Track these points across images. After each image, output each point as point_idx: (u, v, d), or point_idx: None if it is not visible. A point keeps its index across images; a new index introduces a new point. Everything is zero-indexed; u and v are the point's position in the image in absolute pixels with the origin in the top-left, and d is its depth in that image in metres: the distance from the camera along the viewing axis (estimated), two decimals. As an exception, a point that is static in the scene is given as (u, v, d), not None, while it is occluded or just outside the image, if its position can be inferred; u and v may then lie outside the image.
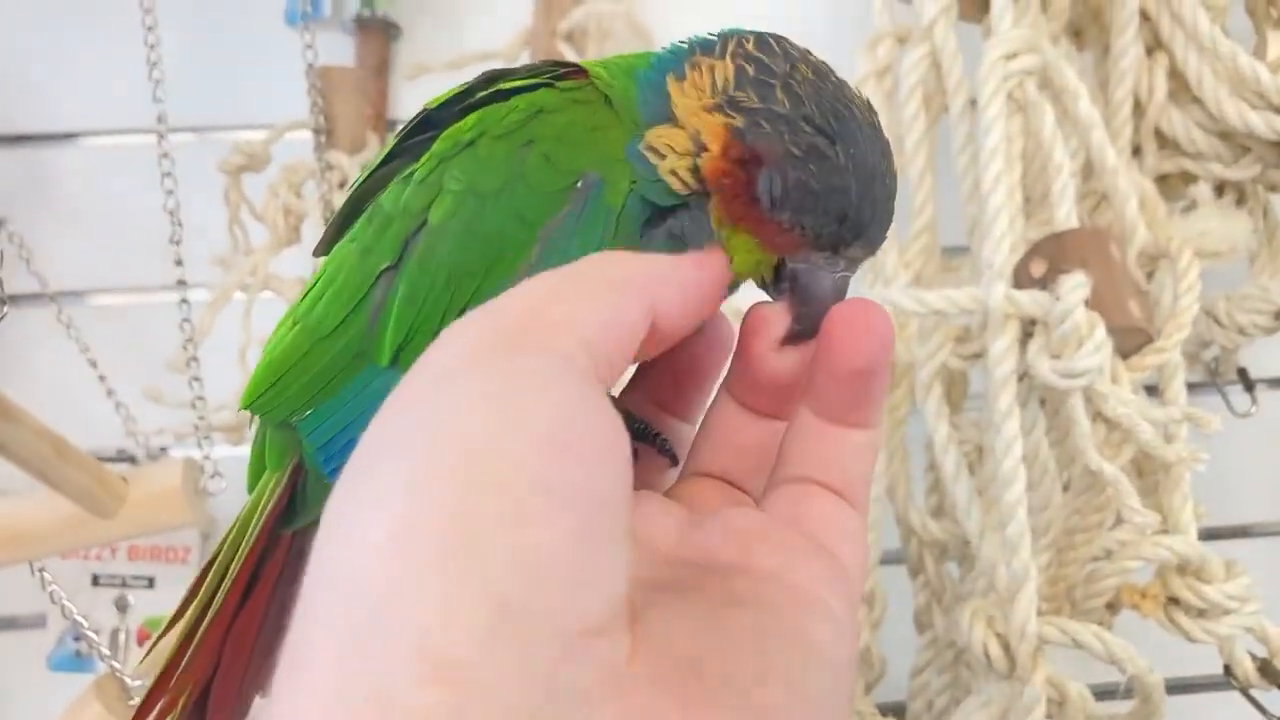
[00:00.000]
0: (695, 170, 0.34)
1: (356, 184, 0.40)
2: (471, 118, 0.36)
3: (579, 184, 0.34)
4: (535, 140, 0.35)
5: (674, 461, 0.36)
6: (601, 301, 0.28)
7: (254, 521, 0.39)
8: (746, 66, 0.33)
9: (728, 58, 0.34)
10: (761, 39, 0.34)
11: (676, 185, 0.34)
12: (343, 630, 0.21)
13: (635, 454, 0.33)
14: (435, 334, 0.30)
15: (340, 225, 0.40)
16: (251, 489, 0.40)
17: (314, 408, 0.38)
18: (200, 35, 0.94)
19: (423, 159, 0.37)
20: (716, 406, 0.35)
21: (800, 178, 0.32)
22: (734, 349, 0.34)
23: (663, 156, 0.34)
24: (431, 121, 0.38)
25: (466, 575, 0.22)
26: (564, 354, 0.26)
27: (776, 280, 0.34)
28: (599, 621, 0.23)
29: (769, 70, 0.33)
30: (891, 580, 0.76)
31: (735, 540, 0.30)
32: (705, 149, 0.34)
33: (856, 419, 0.32)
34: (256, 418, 0.40)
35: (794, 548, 0.30)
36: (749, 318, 0.33)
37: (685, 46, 0.35)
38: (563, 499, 0.23)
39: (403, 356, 0.36)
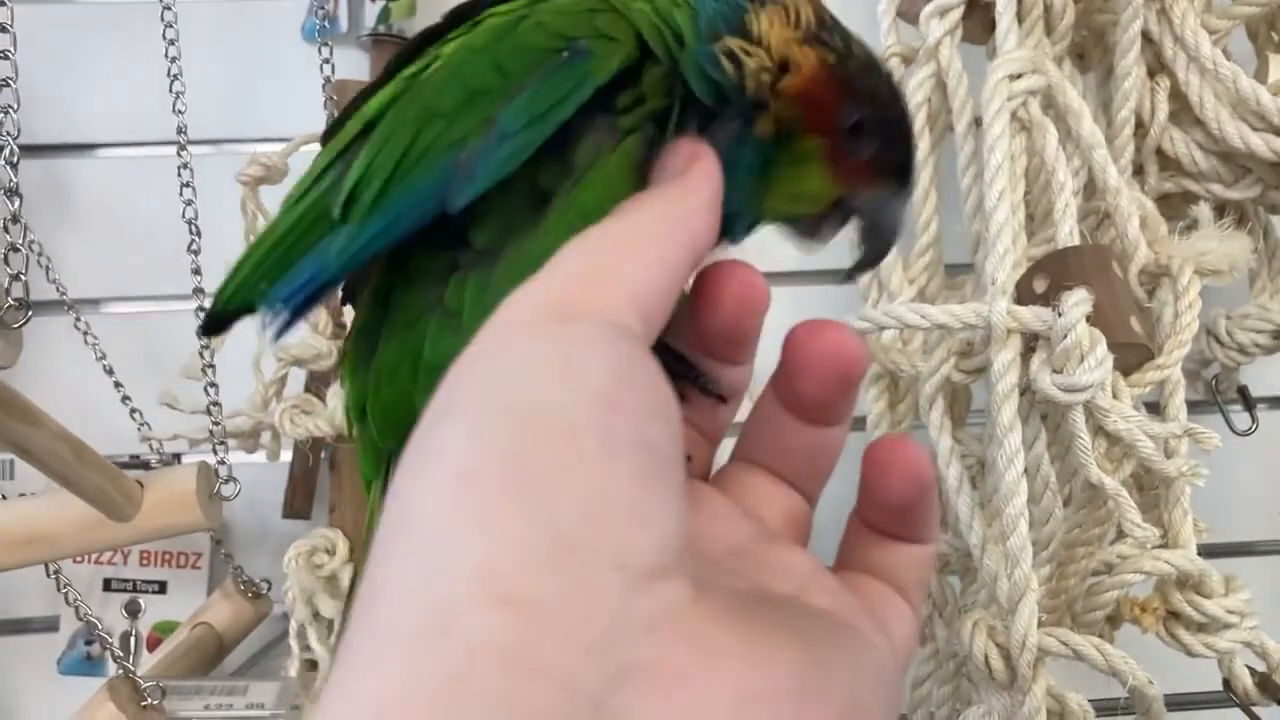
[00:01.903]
0: (771, 86, 0.35)
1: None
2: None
3: (565, 52, 0.33)
4: (534, 13, 0.35)
5: (720, 399, 0.36)
6: (651, 257, 0.29)
7: (365, 531, 0.40)
8: (824, 15, 0.36)
9: (804, 2, 0.36)
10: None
11: (751, 85, 0.35)
12: (410, 563, 0.22)
13: (682, 397, 0.34)
14: (388, 180, 0.33)
15: (341, 119, 0.40)
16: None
17: (269, 281, 0.36)
18: (220, 50, 0.96)
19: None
20: (764, 403, 0.35)
21: (888, 114, 0.36)
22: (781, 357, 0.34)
23: (748, 55, 0.35)
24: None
25: (525, 511, 0.22)
26: (616, 319, 0.27)
27: (834, 211, 0.37)
28: (659, 562, 0.24)
29: (840, 25, 0.37)
30: (894, 592, 0.77)
31: (792, 577, 0.31)
32: (789, 71, 0.35)
33: (911, 538, 0.34)
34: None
35: (848, 601, 0.31)
36: (794, 337, 0.34)
37: None
38: (617, 445, 0.24)
39: (353, 208, 0.34)
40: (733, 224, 0.37)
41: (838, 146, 0.36)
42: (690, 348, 0.35)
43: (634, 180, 0.34)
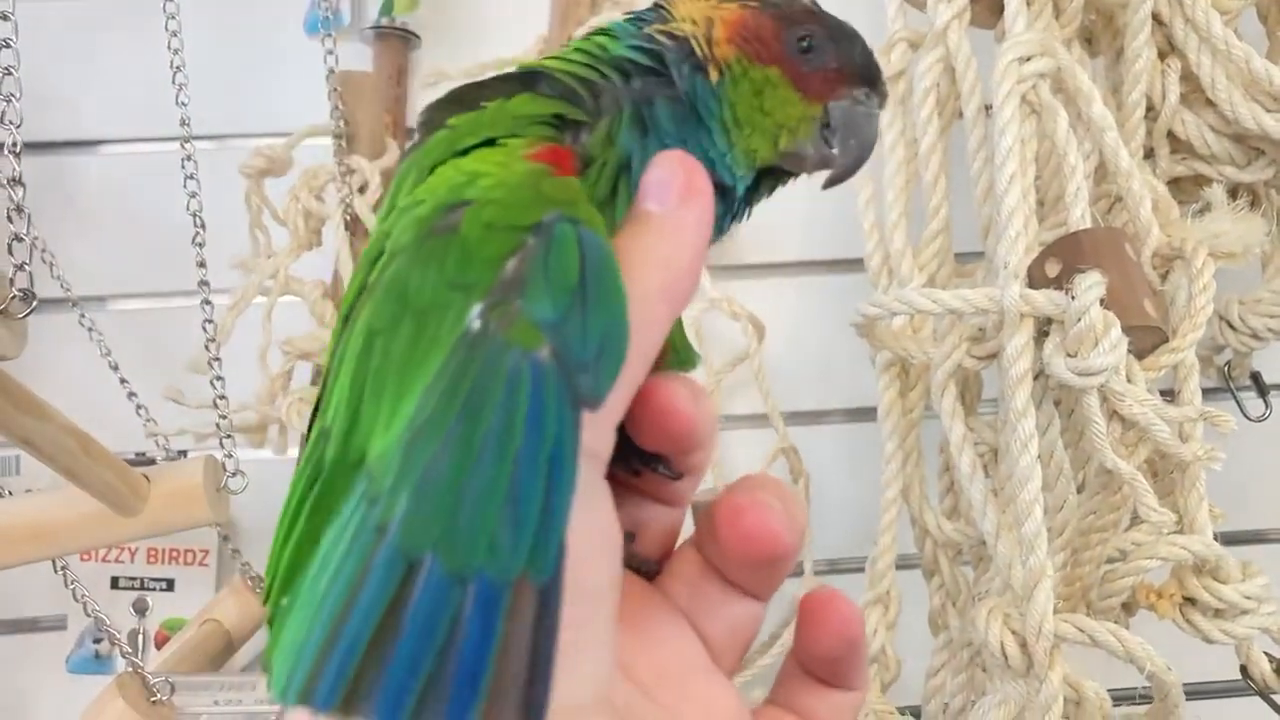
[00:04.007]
0: (707, 42, 0.37)
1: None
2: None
3: (531, 239, 0.28)
4: (467, 219, 0.30)
5: (677, 477, 0.35)
6: (631, 365, 0.28)
7: None
8: None
9: None
10: None
11: (690, 45, 0.37)
12: None
13: (642, 491, 0.35)
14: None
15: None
16: None
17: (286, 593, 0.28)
18: (223, 44, 0.96)
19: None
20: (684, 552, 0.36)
21: (828, 24, 0.38)
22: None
23: (682, 25, 0.37)
24: None
25: None
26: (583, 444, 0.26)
27: (815, 132, 0.38)
28: (581, 702, 0.25)
29: None
30: (906, 583, 0.76)
31: (708, 716, 0.33)
32: (715, 31, 0.37)
33: (841, 685, 0.35)
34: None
35: None
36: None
37: None
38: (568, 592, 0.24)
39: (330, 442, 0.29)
40: (729, 196, 0.37)
41: (797, 67, 0.37)
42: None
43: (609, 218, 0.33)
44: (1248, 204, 0.77)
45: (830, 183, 0.40)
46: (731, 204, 0.38)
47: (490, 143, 0.33)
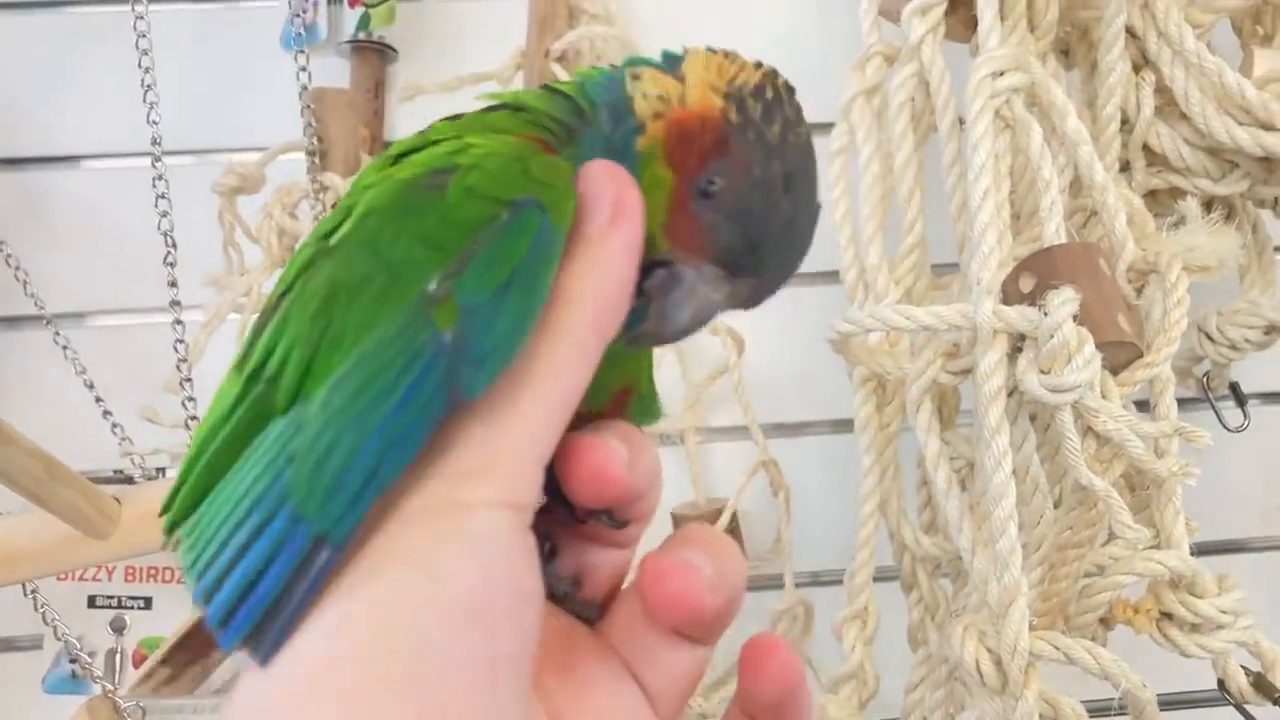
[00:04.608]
0: (658, 114, 0.33)
1: None
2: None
3: (505, 214, 0.29)
4: (459, 176, 0.31)
5: (621, 526, 0.34)
6: (554, 396, 0.28)
7: None
8: (767, 88, 0.33)
9: (756, 66, 0.34)
10: (778, 75, 0.34)
11: (639, 106, 0.33)
12: None
13: (590, 536, 0.35)
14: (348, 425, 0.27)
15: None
16: None
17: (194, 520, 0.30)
18: (196, 59, 0.95)
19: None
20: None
21: (747, 191, 0.32)
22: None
23: (642, 86, 0.34)
24: None
25: None
26: (506, 498, 0.27)
27: (644, 273, 0.32)
28: None
29: (780, 105, 0.33)
30: (885, 597, 0.76)
31: None
32: (683, 105, 0.33)
33: None
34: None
35: None
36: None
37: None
38: (465, 660, 0.25)
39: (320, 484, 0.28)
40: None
41: (684, 199, 0.32)
42: None
43: None
44: (1223, 216, 0.78)
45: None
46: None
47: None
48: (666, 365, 0.94)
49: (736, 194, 0.32)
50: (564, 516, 0.34)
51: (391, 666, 0.24)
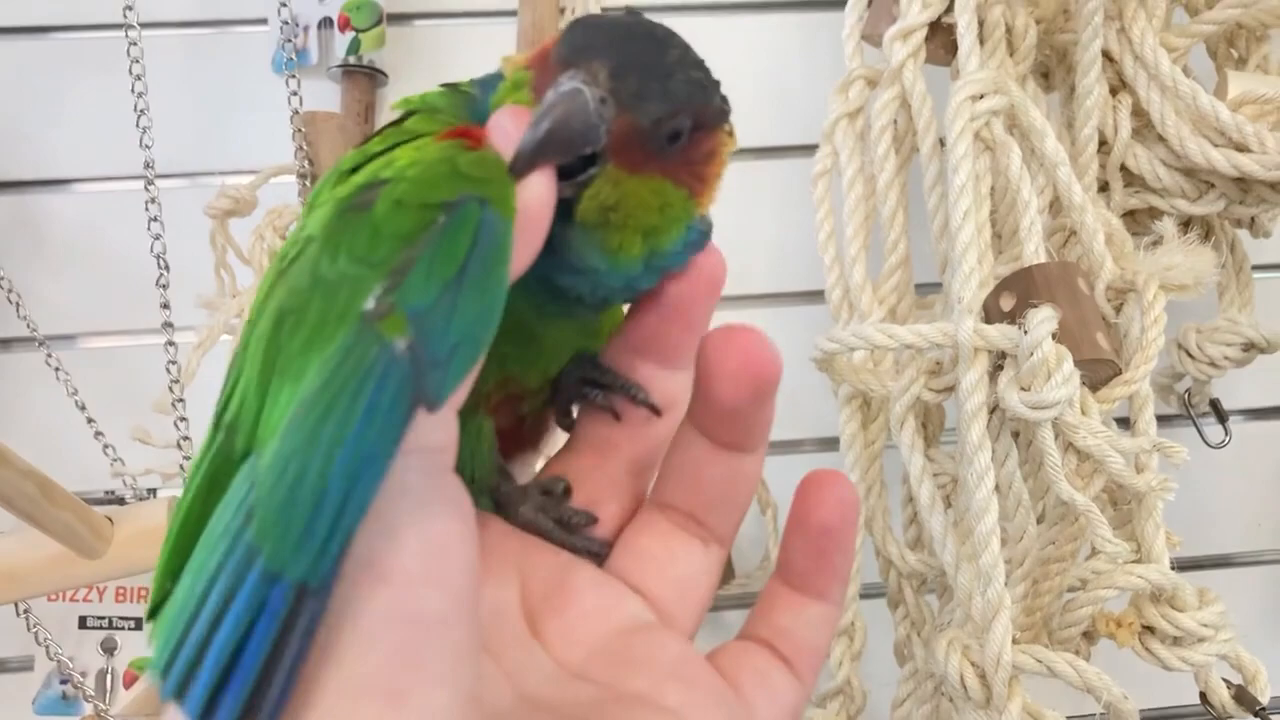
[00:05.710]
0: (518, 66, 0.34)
1: None
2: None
3: (441, 217, 0.29)
4: (381, 196, 0.30)
5: (654, 411, 0.35)
6: None
7: None
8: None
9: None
10: None
11: (505, 69, 0.35)
12: None
13: (617, 415, 0.35)
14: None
15: None
16: None
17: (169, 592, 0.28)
18: (189, 84, 0.96)
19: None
20: (680, 436, 0.35)
21: (579, 24, 0.33)
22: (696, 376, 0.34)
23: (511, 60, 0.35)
24: None
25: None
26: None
27: None
28: None
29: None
30: (871, 613, 0.77)
31: (652, 671, 0.31)
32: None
33: (819, 589, 0.34)
34: None
35: (702, 695, 0.31)
36: (708, 342, 0.33)
37: None
38: (379, 623, 0.24)
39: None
40: None
41: (543, 79, 0.32)
42: (619, 356, 0.35)
43: None
44: (1201, 236, 0.79)
45: (513, 167, 0.30)
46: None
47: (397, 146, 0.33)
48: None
49: (572, 28, 0.33)
50: (600, 427, 0.35)
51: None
